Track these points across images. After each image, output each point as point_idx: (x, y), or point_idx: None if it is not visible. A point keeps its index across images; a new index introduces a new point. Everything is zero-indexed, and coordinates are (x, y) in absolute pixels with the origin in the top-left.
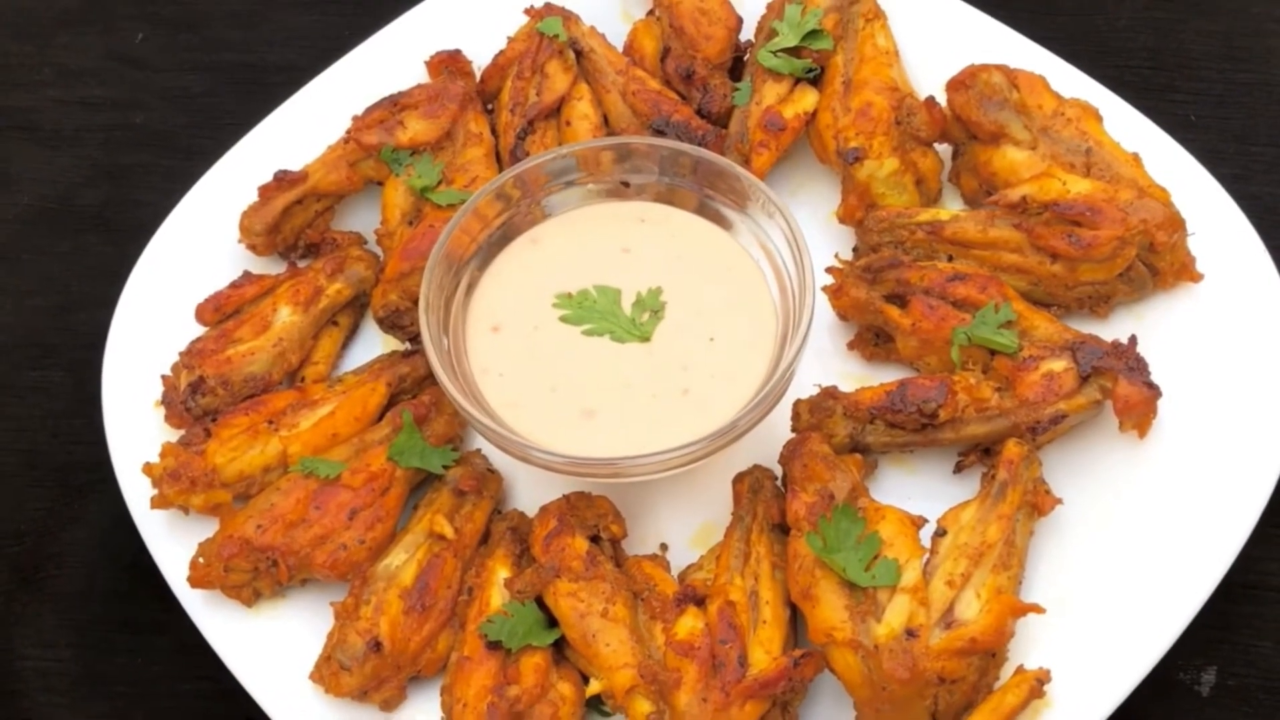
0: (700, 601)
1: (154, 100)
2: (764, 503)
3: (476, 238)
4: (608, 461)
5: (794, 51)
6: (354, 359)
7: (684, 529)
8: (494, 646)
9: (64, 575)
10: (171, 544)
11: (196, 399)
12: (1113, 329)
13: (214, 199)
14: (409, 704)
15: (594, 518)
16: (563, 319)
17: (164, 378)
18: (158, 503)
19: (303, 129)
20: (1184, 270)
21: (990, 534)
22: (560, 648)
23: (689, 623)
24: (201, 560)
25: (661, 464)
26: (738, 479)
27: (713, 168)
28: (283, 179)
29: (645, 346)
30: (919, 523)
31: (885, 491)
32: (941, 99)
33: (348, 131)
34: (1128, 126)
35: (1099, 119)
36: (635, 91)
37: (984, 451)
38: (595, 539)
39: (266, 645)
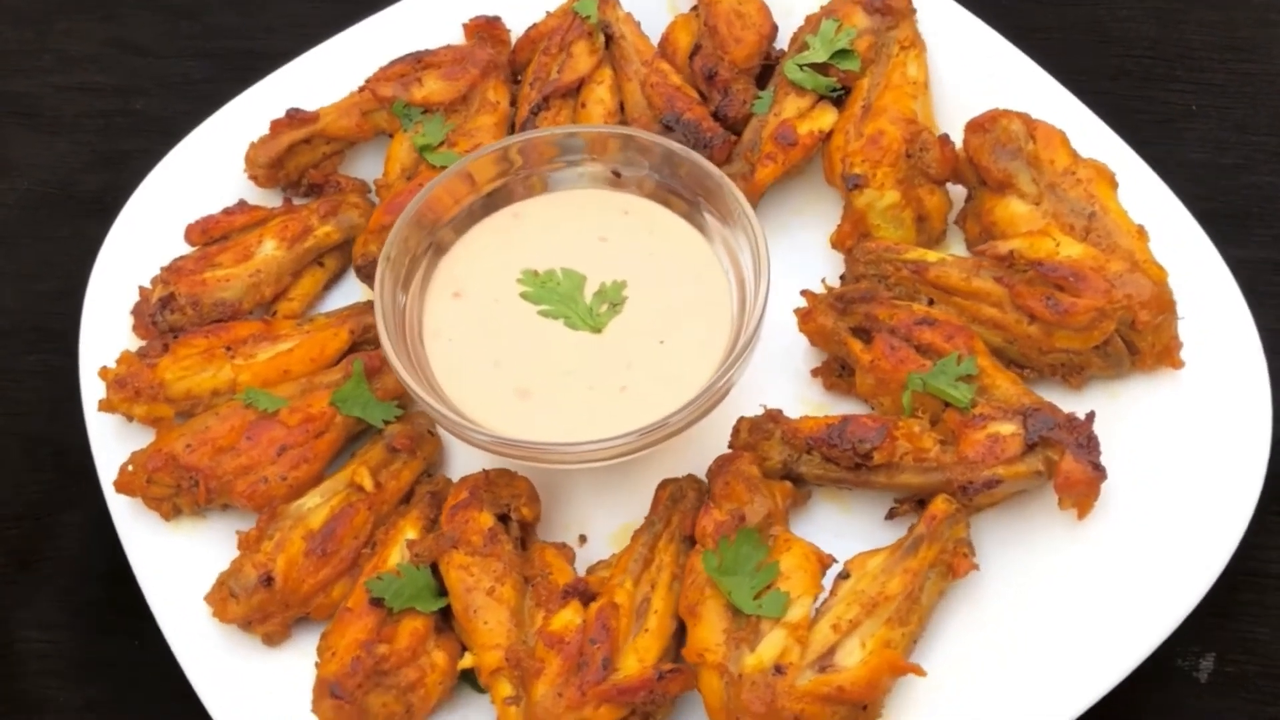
0: (589, 598)
1: (154, 87)
2: (682, 513)
3: (461, 200)
4: (531, 445)
5: (822, 68)
6: (334, 303)
7: (607, 525)
8: (376, 603)
9: (62, 558)
10: (115, 451)
11: (165, 314)
12: (1084, 402)
13: (228, 130)
14: (294, 643)
15: (509, 497)
16: (523, 295)
17: (140, 288)
18: (103, 405)
19: (329, 75)
20: (1166, 354)
21: (891, 586)
22: (448, 618)
23: (566, 616)
24: (130, 468)
25: (585, 454)
26: (662, 485)
27: (700, 172)
28: (294, 116)
29: (596, 337)
30: (827, 561)
31: (817, 525)
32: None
33: (367, 80)
34: (1145, 192)
35: (1113, 185)
36: (654, 84)
37: (919, 503)
38: (505, 518)
39: (175, 560)
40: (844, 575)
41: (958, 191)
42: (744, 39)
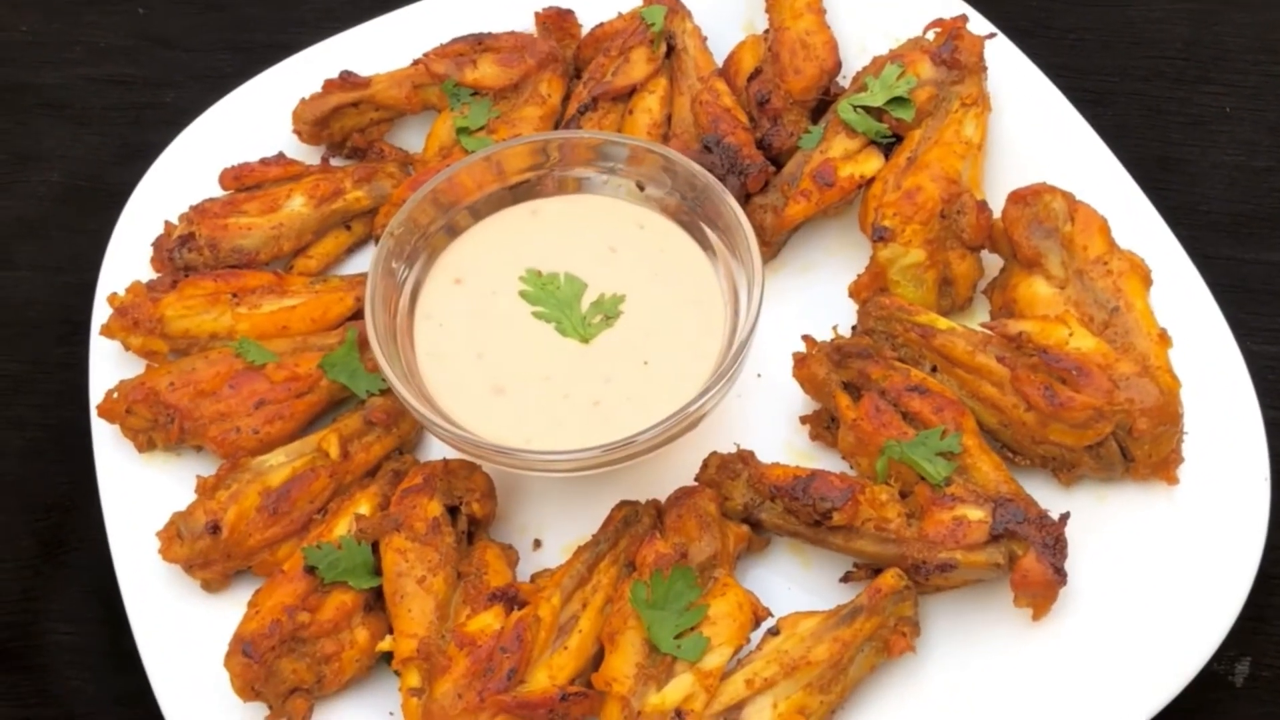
0: (516, 605)
1: (185, 79)
2: (631, 538)
3: (484, 187)
4: (491, 446)
5: (876, 113)
6: (354, 269)
7: (564, 534)
8: (310, 571)
9: (91, 549)
10: (108, 377)
11: (182, 252)
12: (1071, 501)
13: (281, 86)
14: (232, 595)
15: (463, 490)
16: (522, 293)
17: (166, 223)
18: (103, 330)
19: (391, 44)
20: (1162, 467)
21: (818, 652)
22: (382, 598)
23: (485, 620)
24: (115, 395)
25: (546, 464)
26: (618, 506)
27: (720, 202)
28: (346, 79)
29: (582, 347)
30: (762, 615)
31: (774, 571)
32: None
33: (424, 54)
34: (1184, 293)
35: (1145, 282)
36: (704, 102)
37: (875, 571)
38: (455, 510)
39: (140, 491)
40: (774, 632)
41: (995, 262)
42: (803, 70)
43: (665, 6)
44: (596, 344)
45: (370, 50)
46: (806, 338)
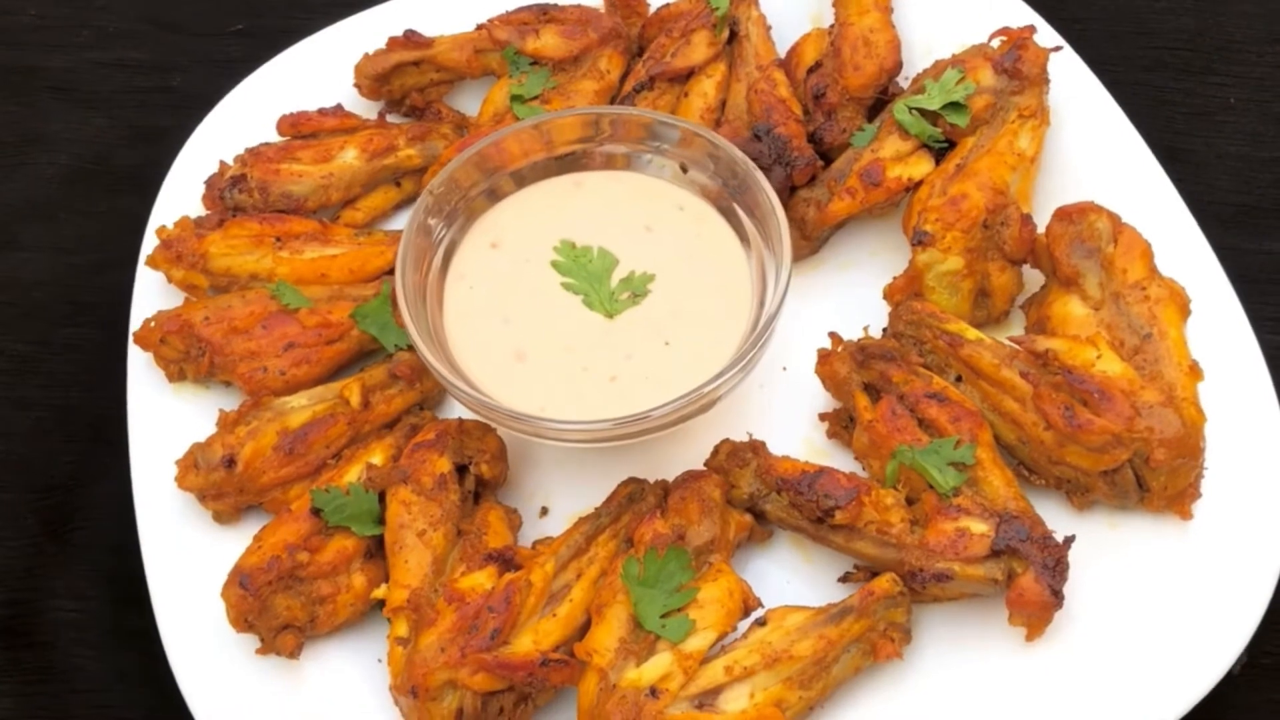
0: (511, 567)
1: (192, 64)
2: (634, 515)
3: (531, 154)
4: (504, 410)
5: (931, 116)
6: (399, 225)
7: (571, 505)
8: (315, 513)
9: (95, 529)
10: (148, 307)
11: (233, 192)
12: (1082, 525)
13: (345, 41)
14: (243, 529)
15: (474, 450)
16: (554, 263)
17: (221, 163)
18: (149, 261)
19: (460, 9)
20: (1177, 501)
21: (801, 647)
22: (383, 547)
23: (478, 578)
24: (153, 324)
25: (557, 432)
26: (625, 483)
27: (759, 191)
28: (410, 38)
29: (606, 322)
30: (752, 604)
31: (775, 563)
32: None
33: (488, 20)
34: (1225, 327)
35: (1183, 312)
36: (760, 90)
37: (874, 574)
38: (464, 469)
39: (166, 420)
40: (761, 622)
41: (1037, 278)
42: (863, 67)
43: None
44: (621, 320)
45: (437, 12)
46: (833, 335)
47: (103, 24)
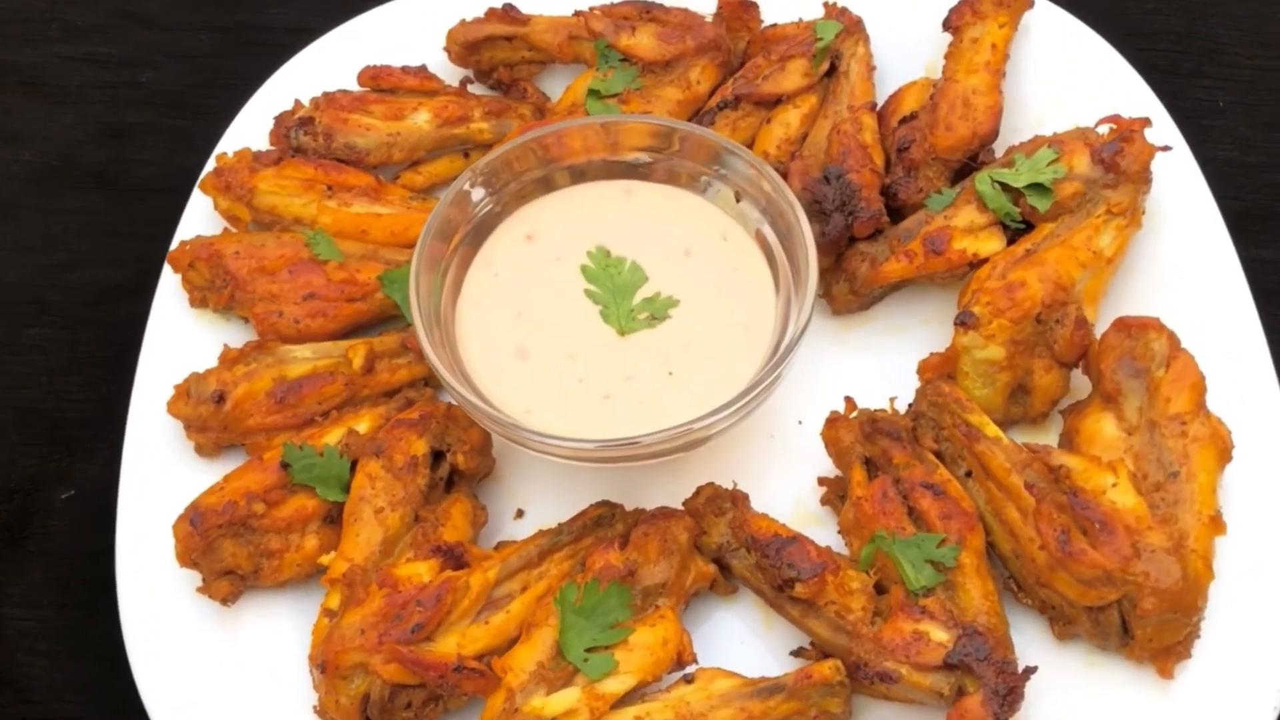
0: (457, 565)
1: (162, 59)
2: (597, 539)
3: (591, 152)
4: (489, 412)
5: (1014, 193)
6: None
7: (548, 513)
8: (284, 467)
9: (52, 534)
10: (193, 231)
11: (298, 133)
12: (1061, 659)
13: (443, 6)
14: (220, 465)
15: (455, 439)
16: (583, 268)
17: (296, 101)
18: (202, 185)
19: None
20: (1160, 657)
21: (719, 715)
22: None
23: (418, 568)
24: (187, 249)
25: (537, 444)
26: (597, 504)
27: (798, 234)
28: (508, 12)
29: (617, 339)
30: (687, 659)
31: (734, 619)
32: None
33: (589, 9)
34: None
35: (1221, 457)
36: (843, 131)
37: (824, 655)
38: (441, 455)
39: (179, 342)
40: (688, 679)
41: (1085, 385)
42: (955, 128)
43: (842, 25)
44: (632, 340)
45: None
46: (848, 399)
47: (71, 18)
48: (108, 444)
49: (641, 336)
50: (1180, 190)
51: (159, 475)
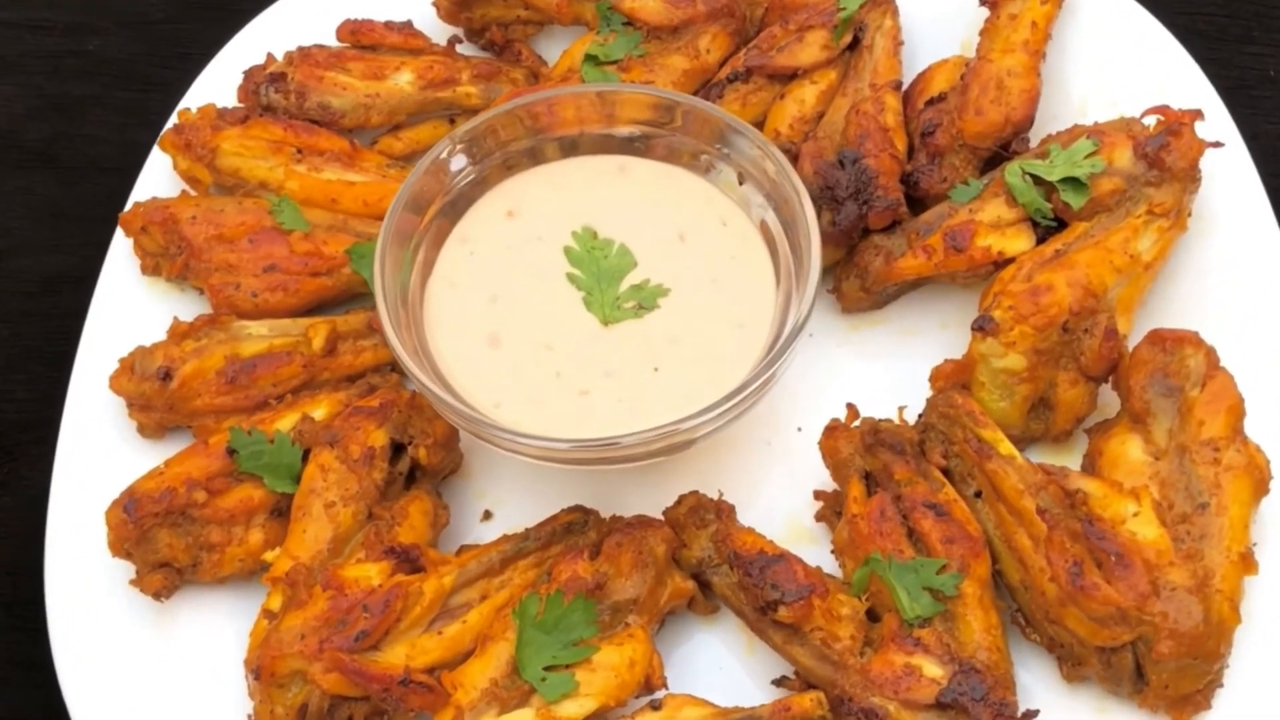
0: (412, 569)
1: (110, 25)
2: (566, 547)
3: (586, 124)
4: (450, 404)
5: (1047, 188)
6: None
7: (521, 514)
8: (231, 453)
9: None
10: (151, 192)
11: (269, 90)
12: (1069, 701)
13: None
14: (164, 448)
15: (418, 431)
16: (567, 249)
17: (269, 55)
18: (161, 142)
19: None
20: (1176, 706)
21: None
22: None
23: (367, 571)
24: (140, 211)
25: (504, 441)
26: (569, 509)
27: (802, 224)
28: None
29: (598, 329)
30: (655, 683)
31: (715, 640)
32: None
33: None
34: None
35: (1258, 490)
36: (863, 111)
37: (809, 685)
38: (402, 447)
39: (126, 312)
40: (655, 706)
41: (1115, 402)
42: (986, 113)
43: None
44: (615, 331)
45: None
46: (850, 406)
47: None
48: (51, 448)
49: (626, 328)
50: (1233, 192)
51: (97, 456)
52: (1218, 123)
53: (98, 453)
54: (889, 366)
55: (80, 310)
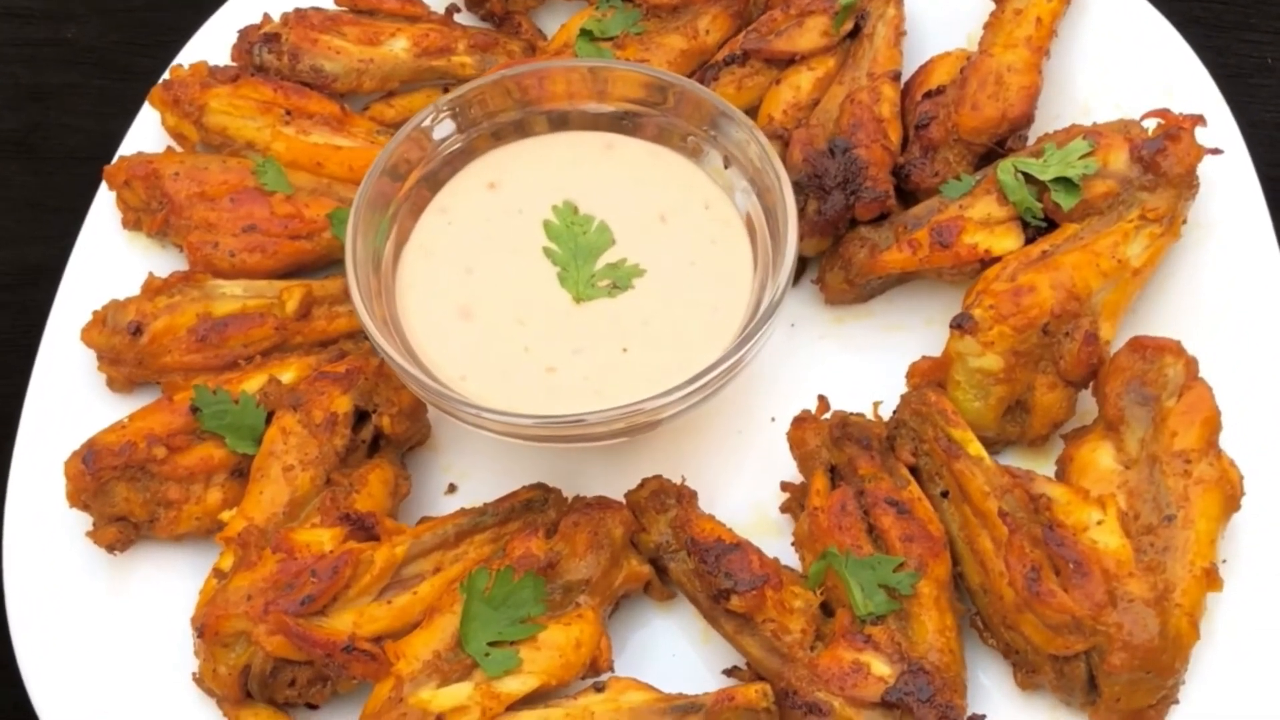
0: (366, 537)
1: (87, 12)
2: (525, 523)
3: (575, 99)
4: (417, 377)
5: (1038, 187)
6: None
7: (486, 488)
8: (194, 411)
9: None
10: (139, 146)
11: (262, 50)
12: (1023, 708)
13: None
14: (131, 402)
15: (384, 400)
16: (546, 223)
17: (265, 15)
18: (150, 98)
19: None
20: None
21: None
22: None
23: (319, 536)
24: (124, 164)
25: (470, 417)
26: (529, 487)
27: (782, 211)
28: None
29: (570, 306)
30: (602, 665)
31: (671, 626)
32: None
33: None
34: None
35: (1227, 505)
36: (858, 101)
37: (758, 677)
38: (366, 415)
39: (105, 264)
40: (598, 688)
41: (1092, 409)
42: (982, 108)
43: None
44: (587, 309)
45: None
46: (821, 398)
47: None
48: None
49: (599, 306)
50: (1232, 201)
51: (64, 407)
52: (1220, 129)
53: (65, 403)
54: (870, 361)
55: None
